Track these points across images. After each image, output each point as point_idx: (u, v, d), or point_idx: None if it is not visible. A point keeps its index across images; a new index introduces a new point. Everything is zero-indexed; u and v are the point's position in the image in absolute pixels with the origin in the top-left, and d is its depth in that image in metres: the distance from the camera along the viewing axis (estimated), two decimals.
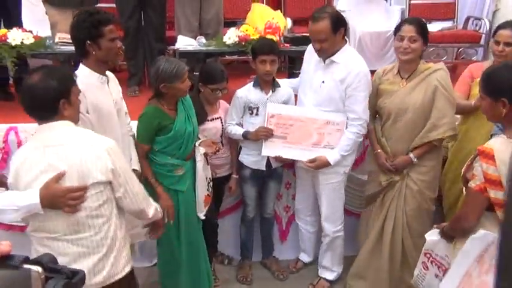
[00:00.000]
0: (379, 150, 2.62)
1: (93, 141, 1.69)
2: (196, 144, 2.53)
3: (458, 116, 2.81)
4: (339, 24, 2.45)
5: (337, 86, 2.51)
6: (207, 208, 2.62)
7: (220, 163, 2.78)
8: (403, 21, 2.60)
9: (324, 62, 2.55)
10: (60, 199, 1.62)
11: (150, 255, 3.00)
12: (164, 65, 2.31)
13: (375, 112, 2.67)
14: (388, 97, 2.55)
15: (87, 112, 2.07)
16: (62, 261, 1.62)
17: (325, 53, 2.50)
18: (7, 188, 1.75)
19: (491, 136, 2.40)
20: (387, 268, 2.68)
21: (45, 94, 1.64)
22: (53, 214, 1.66)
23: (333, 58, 2.51)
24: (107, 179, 1.67)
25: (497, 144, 1.76)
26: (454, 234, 1.94)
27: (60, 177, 1.63)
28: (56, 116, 1.68)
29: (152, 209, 1.94)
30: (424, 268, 2.11)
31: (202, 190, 2.57)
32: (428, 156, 2.56)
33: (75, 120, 1.78)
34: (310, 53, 2.66)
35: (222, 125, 2.73)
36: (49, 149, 1.66)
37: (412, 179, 2.58)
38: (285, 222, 3.21)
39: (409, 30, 2.45)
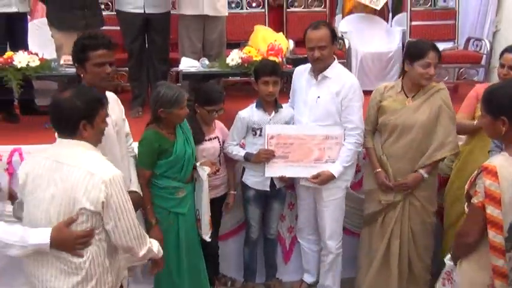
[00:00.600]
0: (379, 170, 2.64)
1: (95, 169, 1.68)
2: (198, 164, 2.53)
3: (463, 136, 2.82)
4: (335, 35, 2.61)
5: (333, 99, 2.58)
6: (212, 230, 2.62)
7: (218, 183, 2.77)
8: (428, 48, 2.49)
9: (316, 78, 2.63)
10: (69, 243, 1.65)
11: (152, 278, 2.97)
12: (165, 91, 2.35)
13: (375, 129, 2.71)
14: (394, 114, 2.58)
15: None
16: (43, 273, 1.67)
17: (323, 63, 2.58)
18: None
19: (489, 153, 2.47)
20: (396, 285, 2.71)
21: (67, 112, 1.70)
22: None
23: (325, 73, 2.60)
24: (95, 210, 1.66)
25: (500, 161, 1.77)
26: (458, 252, 1.93)
27: (72, 221, 1.65)
28: (75, 136, 1.72)
29: (144, 249, 1.84)
30: (442, 284, 2.10)
31: (207, 211, 2.57)
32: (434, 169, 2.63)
33: (95, 142, 1.80)
34: (297, 75, 2.77)
35: (220, 145, 2.74)
36: (56, 164, 1.69)
37: (414, 195, 2.62)
38: (289, 243, 3.18)
39: (434, 57, 2.47)
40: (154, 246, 1.92)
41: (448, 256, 2.04)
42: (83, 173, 1.66)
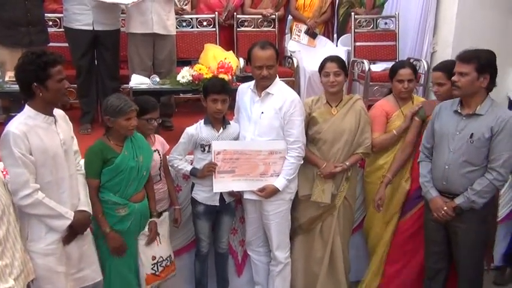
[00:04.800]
0: (325, 164, 2.84)
1: None
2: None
3: None
4: (278, 57, 2.77)
5: (276, 113, 2.70)
6: (149, 287, 2.64)
7: (159, 198, 2.78)
8: (325, 60, 2.87)
9: (260, 95, 2.74)
10: None
11: None
12: (112, 100, 2.42)
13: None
14: (325, 124, 2.85)
15: (30, 154, 2.08)
16: None
17: (270, 80, 2.71)
18: None
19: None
20: (345, 280, 3.04)
21: None
22: None
23: (268, 90, 2.72)
24: None
25: None
26: None
27: None
28: None
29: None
30: None
31: (145, 268, 2.61)
32: (355, 169, 2.99)
33: None
34: (241, 92, 2.88)
35: (160, 158, 2.77)
36: None
37: (345, 196, 2.93)
38: (241, 257, 3.23)
39: (332, 66, 2.80)
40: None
41: None
42: None
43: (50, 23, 4.22)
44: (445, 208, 2.54)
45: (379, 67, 4.92)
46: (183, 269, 3.11)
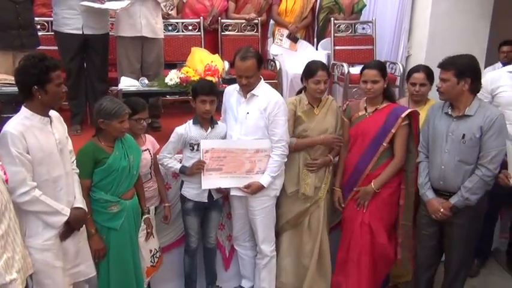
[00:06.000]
0: (323, 136, 3.00)
1: None
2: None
3: None
4: (261, 62, 2.86)
5: (261, 114, 2.84)
6: (149, 279, 2.77)
7: (149, 196, 2.87)
8: (316, 67, 2.95)
9: (245, 97, 2.87)
10: None
11: None
12: (107, 103, 2.49)
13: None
14: (311, 123, 3.01)
15: (27, 153, 2.16)
16: None
17: (250, 87, 2.84)
18: None
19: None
20: (330, 273, 3.15)
21: None
22: None
23: (253, 92, 2.86)
24: None
25: None
26: None
27: None
28: None
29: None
30: None
31: (145, 262, 2.76)
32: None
33: None
34: (228, 94, 3.01)
35: (151, 157, 2.86)
36: None
37: (327, 189, 3.08)
38: (228, 251, 3.34)
39: (324, 75, 2.93)
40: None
41: None
42: None
43: (39, 26, 4.26)
44: (442, 210, 2.64)
45: (357, 70, 5.09)
46: (173, 263, 3.20)
